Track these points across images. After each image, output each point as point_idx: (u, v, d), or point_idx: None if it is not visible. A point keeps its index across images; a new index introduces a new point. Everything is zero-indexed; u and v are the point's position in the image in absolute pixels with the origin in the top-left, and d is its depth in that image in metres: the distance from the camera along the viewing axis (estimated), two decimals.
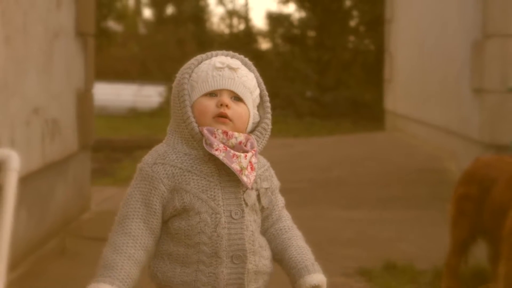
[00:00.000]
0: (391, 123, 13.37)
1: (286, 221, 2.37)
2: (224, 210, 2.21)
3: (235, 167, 2.19)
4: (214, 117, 2.22)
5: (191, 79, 2.26)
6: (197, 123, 2.22)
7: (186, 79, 2.25)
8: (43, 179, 5.53)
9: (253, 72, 2.31)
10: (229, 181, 2.22)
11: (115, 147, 11.68)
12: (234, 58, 2.31)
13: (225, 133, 2.20)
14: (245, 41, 19.48)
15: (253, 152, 2.23)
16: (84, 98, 6.57)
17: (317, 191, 7.91)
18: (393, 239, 5.87)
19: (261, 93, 2.31)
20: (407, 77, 12.18)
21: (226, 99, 2.22)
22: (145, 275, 2.28)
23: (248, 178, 2.21)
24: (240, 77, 2.25)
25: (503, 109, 7.17)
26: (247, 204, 2.24)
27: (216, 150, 2.18)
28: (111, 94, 16.72)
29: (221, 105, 2.22)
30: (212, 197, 2.21)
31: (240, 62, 2.30)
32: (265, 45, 20.57)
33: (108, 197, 7.34)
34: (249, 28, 20.31)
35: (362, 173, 8.81)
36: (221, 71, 2.24)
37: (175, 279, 2.22)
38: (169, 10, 22.57)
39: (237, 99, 2.24)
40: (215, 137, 2.19)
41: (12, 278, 4.61)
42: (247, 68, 2.30)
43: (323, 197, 7.63)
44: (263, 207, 2.31)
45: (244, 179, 2.20)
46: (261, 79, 2.33)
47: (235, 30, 20.86)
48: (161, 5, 22.40)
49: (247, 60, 2.33)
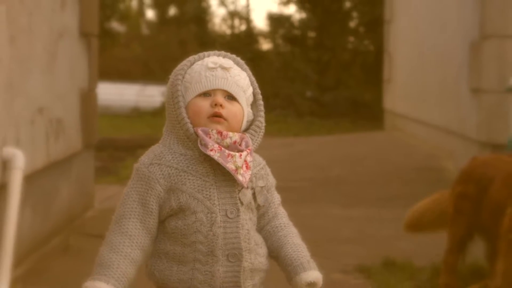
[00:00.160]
0: (390, 122, 13.36)
1: (282, 218, 2.36)
2: (219, 209, 2.21)
3: (230, 166, 2.18)
4: (208, 117, 2.21)
5: (185, 80, 2.25)
6: (192, 124, 2.22)
7: (179, 80, 2.25)
8: (47, 177, 5.53)
9: (245, 71, 2.31)
10: (225, 180, 2.22)
11: (118, 146, 11.67)
12: (226, 58, 2.30)
13: (220, 133, 2.20)
14: (246, 41, 19.48)
15: (248, 151, 2.22)
16: (87, 97, 6.57)
17: (317, 189, 7.91)
18: (391, 236, 5.87)
19: (254, 91, 2.31)
20: (406, 77, 12.17)
21: (220, 98, 2.22)
22: (143, 274, 2.28)
23: (243, 177, 2.21)
24: (233, 76, 2.25)
25: (501, 109, 7.17)
26: (242, 203, 2.24)
27: (211, 150, 2.18)
28: (115, 94, 16.72)
29: (215, 105, 2.21)
30: (207, 196, 2.20)
31: (232, 61, 2.29)
32: (266, 45, 20.58)
33: (111, 195, 7.33)
34: (250, 29, 20.30)
35: (361, 172, 8.81)
36: (214, 71, 2.24)
37: (172, 278, 2.21)
38: (172, 11, 22.58)
39: (230, 98, 2.24)
40: (210, 138, 2.19)
41: (16, 274, 4.62)
42: (240, 67, 2.30)
43: (323, 195, 7.63)
44: (259, 205, 2.30)
45: (239, 178, 2.20)
46: (253, 78, 2.32)
47: (237, 31, 20.85)
48: (163, 6, 22.41)
49: (239, 59, 2.32)
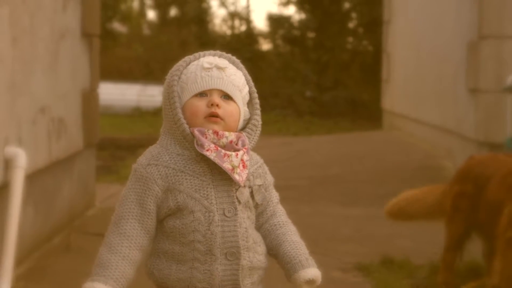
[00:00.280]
0: (389, 122, 13.36)
1: (280, 216, 2.35)
2: (217, 208, 2.20)
3: (226, 166, 2.18)
4: (205, 117, 2.21)
5: (181, 81, 2.25)
6: (190, 124, 2.21)
7: (175, 81, 2.24)
8: (49, 176, 5.53)
9: (241, 70, 2.30)
10: (222, 179, 2.21)
11: (120, 145, 11.67)
12: (221, 57, 2.29)
13: (216, 133, 2.19)
14: (246, 42, 19.45)
15: (244, 150, 2.22)
16: (89, 97, 6.56)
17: (316, 188, 7.90)
18: (390, 235, 5.86)
19: (249, 90, 2.30)
20: (404, 77, 12.17)
21: (216, 98, 2.21)
22: (142, 273, 2.27)
23: (240, 176, 2.20)
24: (228, 76, 2.24)
25: (498, 108, 7.17)
26: (240, 201, 2.23)
27: (207, 150, 2.17)
28: (116, 93, 16.69)
29: (211, 104, 2.21)
30: (205, 196, 2.20)
31: (227, 61, 2.28)
32: (266, 46, 20.54)
33: (112, 194, 7.33)
34: (250, 29, 20.28)
35: (360, 171, 8.81)
36: (209, 71, 2.23)
37: (171, 277, 2.21)
38: (173, 12, 22.55)
39: (227, 97, 2.23)
40: (206, 138, 2.18)
41: (18, 272, 4.61)
42: (235, 66, 2.29)
43: (322, 194, 7.62)
44: (257, 204, 2.29)
45: (236, 177, 2.19)
46: (249, 77, 2.31)
47: (237, 31, 20.82)
48: (164, 7, 22.38)
49: (234, 58, 2.31)
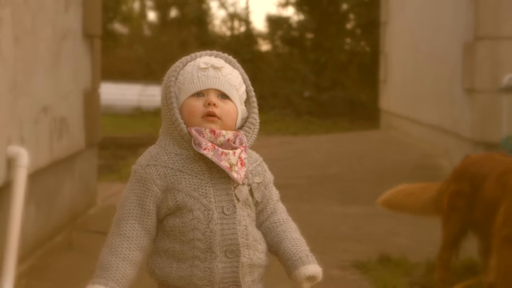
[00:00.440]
0: (386, 122, 13.35)
1: (281, 214, 2.34)
2: (216, 206, 2.20)
3: (224, 164, 2.17)
4: (202, 116, 2.20)
5: (178, 82, 2.25)
6: (188, 124, 2.21)
7: (172, 82, 2.24)
8: (51, 175, 5.52)
9: (237, 69, 2.29)
10: (220, 178, 2.21)
11: (121, 145, 11.67)
12: (217, 57, 2.29)
13: (213, 132, 2.19)
14: (245, 42, 19.44)
15: (241, 148, 2.21)
16: (90, 97, 6.56)
17: (315, 187, 7.90)
18: (387, 233, 5.86)
19: (247, 88, 2.29)
20: (401, 77, 12.17)
21: (213, 98, 2.21)
22: (145, 271, 2.27)
23: (238, 174, 2.20)
24: (224, 75, 2.24)
25: (494, 108, 7.17)
26: (238, 199, 2.23)
27: (204, 149, 2.17)
28: (117, 93, 16.69)
29: (208, 104, 2.20)
30: (203, 194, 2.19)
31: (224, 61, 2.28)
32: (265, 46, 20.53)
33: (113, 193, 7.33)
34: (250, 30, 20.26)
35: (358, 170, 8.80)
36: (205, 71, 2.23)
37: (172, 275, 2.21)
38: (173, 13, 22.54)
39: (224, 97, 2.23)
40: (203, 137, 2.18)
41: (21, 270, 4.61)
42: (232, 66, 2.29)
43: (321, 193, 7.62)
44: (257, 202, 2.29)
45: (234, 175, 2.19)
46: (246, 76, 2.31)
47: (236, 32, 20.80)
48: (165, 8, 22.38)
49: (231, 58, 2.31)
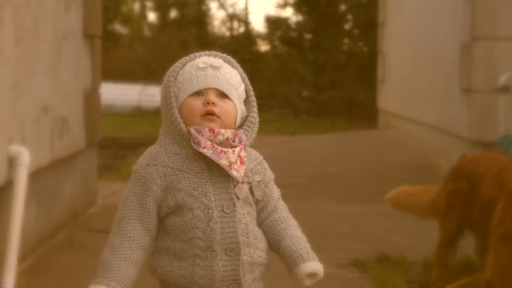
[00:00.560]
0: (384, 121, 13.35)
1: (281, 212, 2.34)
2: (216, 205, 2.19)
3: (223, 162, 2.17)
4: (202, 115, 2.20)
5: (177, 81, 2.24)
6: (188, 123, 2.21)
7: (171, 82, 2.24)
8: (52, 174, 5.52)
9: (236, 68, 2.29)
10: (220, 176, 2.20)
11: (121, 144, 11.67)
12: (216, 57, 2.29)
13: (212, 131, 2.18)
14: (244, 43, 19.43)
15: (241, 146, 2.21)
16: (91, 97, 6.55)
17: (313, 186, 7.89)
18: (385, 232, 5.86)
19: (246, 88, 2.29)
20: (399, 77, 12.16)
21: (212, 97, 2.21)
22: (146, 271, 2.27)
23: (238, 172, 2.19)
24: (223, 74, 2.24)
25: (491, 108, 7.17)
26: (238, 198, 2.22)
27: (203, 148, 2.16)
28: (117, 93, 16.68)
29: (207, 103, 2.20)
30: (203, 193, 2.19)
31: (222, 60, 2.28)
32: (264, 47, 20.51)
33: (113, 192, 7.32)
34: (249, 31, 20.25)
35: (356, 169, 8.80)
36: (204, 70, 2.23)
37: (173, 273, 2.20)
38: (173, 14, 22.53)
39: (223, 96, 2.23)
40: (202, 136, 2.18)
41: (22, 268, 4.61)
42: (230, 65, 2.29)
43: (319, 192, 7.62)
44: (257, 200, 2.28)
45: (233, 173, 2.18)
46: (245, 75, 2.31)
47: (236, 33, 20.79)
48: (165, 9, 22.36)
49: (230, 58, 2.31)
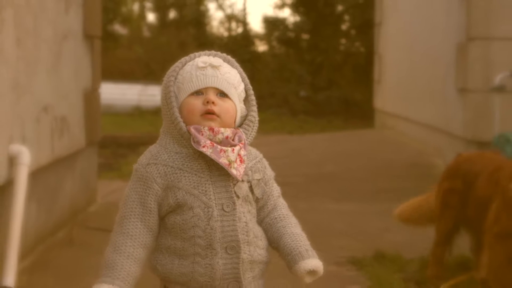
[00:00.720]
0: (380, 121, 13.35)
1: (281, 209, 2.33)
2: (216, 203, 2.19)
3: (223, 161, 2.16)
4: (201, 114, 2.20)
5: (177, 81, 2.24)
6: (187, 122, 2.20)
7: (171, 81, 2.24)
8: (52, 173, 5.52)
9: (236, 68, 2.29)
10: (220, 175, 2.20)
11: (121, 143, 11.66)
12: (216, 56, 2.28)
13: (211, 130, 2.18)
14: (243, 43, 19.43)
15: (240, 145, 2.20)
16: (91, 97, 6.55)
17: (311, 185, 7.89)
18: (382, 229, 5.86)
19: (245, 87, 2.29)
20: (395, 77, 12.16)
21: (211, 96, 2.20)
22: (147, 268, 2.27)
23: (237, 170, 2.19)
24: (223, 74, 2.23)
25: (486, 107, 7.17)
26: (238, 196, 2.22)
27: (203, 147, 2.16)
28: (117, 93, 16.68)
29: (207, 102, 2.20)
30: (203, 192, 2.19)
31: (222, 60, 2.27)
32: (261, 47, 20.50)
33: (113, 190, 7.32)
34: (247, 31, 20.24)
35: (353, 168, 8.80)
36: (204, 70, 2.22)
37: (174, 271, 2.20)
38: (172, 14, 22.53)
39: (222, 95, 2.22)
40: (202, 135, 2.17)
41: (22, 266, 4.60)
42: (230, 65, 2.28)
43: (317, 190, 7.62)
44: (257, 198, 2.28)
45: (233, 172, 2.18)
46: (244, 74, 2.30)
47: (234, 33, 20.78)
48: (164, 9, 22.37)
49: (229, 57, 2.30)
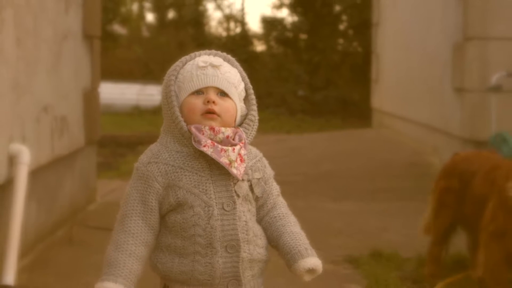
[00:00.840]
0: (378, 120, 13.36)
1: (281, 208, 2.33)
2: (216, 202, 2.18)
3: (223, 161, 2.16)
4: (202, 114, 2.19)
5: (178, 80, 2.23)
6: (187, 122, 2.19)
7: (172, 81, 2.23)
8: (52, 172, 5.51)
9: (236, 67, 2.28)
10: (220, 174, 2.19)
11: (120, 143, 11.67)
12: (216, 56, 2.28)
13: (212, 129, 2.17)
14: (241, 43, 19.43)
15: (241, 144, 2.20)
16: (90, 96, 6.55)
17: (309, 184, 7.90)
18: (379, 228, 5.87)
19: (245, 86, 2.28)
20: (392, 77, 12.17)
21: (212, 95, 2.20)
22: (147, 266, 2.27)
23: (238, 170, 2.18)
24: (223, 73, 2.23)
25: (482, 107, 7.18)
26: (238, 195, 2.21)
27: (204, 146, 2.15)
28: (116, 93, 16.68)
29: (207, 102, 2.19)
30: (204, 191, 2.18)
31: (222, 59, 2.27)
32: (260, 47, 20.52)
33: (113, 189, 7.32)
34: (245, 31, 20.25)
35: (351, 167, 8.81)
36: (204, 69, 2.22)
37: (174, 269, 2.20)
38: (171, 14, 22.53)
39: (223, 94, 2.22)
40: (203, 134, 2.17)
41: (22, 265, 4.60)
42: (230, 64, 2.28)
43: (315, 189, 7.62)
44: (257, 197, 2.27)
45: (233, 171, 2.18)
46: (244, 74, 2.30)
47: (232, 33, 20.79)
48: (163, 9, 22.37)
49: (229, 57, 2.30)
